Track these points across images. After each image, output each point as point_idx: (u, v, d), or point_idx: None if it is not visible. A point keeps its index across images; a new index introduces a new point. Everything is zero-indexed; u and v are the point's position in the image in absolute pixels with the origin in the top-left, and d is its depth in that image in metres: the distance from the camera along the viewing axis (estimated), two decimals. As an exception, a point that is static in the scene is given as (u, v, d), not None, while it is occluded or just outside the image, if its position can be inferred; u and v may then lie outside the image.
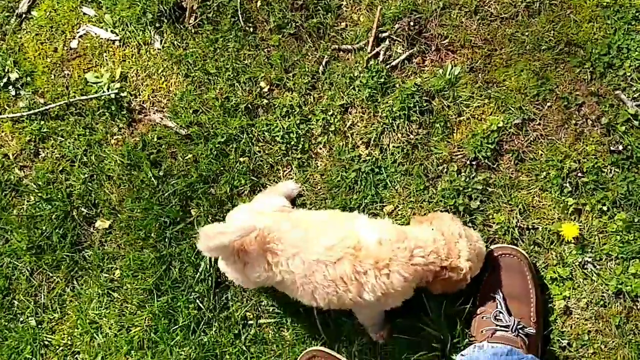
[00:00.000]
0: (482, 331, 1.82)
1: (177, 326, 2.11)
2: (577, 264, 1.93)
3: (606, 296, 1.90)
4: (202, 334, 2.10)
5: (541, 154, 2.01)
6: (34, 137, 2.30)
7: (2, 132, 2.33)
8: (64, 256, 2.21)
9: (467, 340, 1.87)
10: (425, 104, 2.10)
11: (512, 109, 2.04)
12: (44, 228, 2.23)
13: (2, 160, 2.31)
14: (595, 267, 1.92)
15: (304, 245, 1.70)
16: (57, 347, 2.19)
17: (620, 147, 1.95)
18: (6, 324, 2.21)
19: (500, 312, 1.81)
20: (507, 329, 1.79)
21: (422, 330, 1.95)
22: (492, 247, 1.94)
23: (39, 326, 2.20)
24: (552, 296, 1.93)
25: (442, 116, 2.09)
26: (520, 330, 1.78)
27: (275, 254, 1.72)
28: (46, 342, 2.20)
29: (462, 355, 1.81)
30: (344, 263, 1.66)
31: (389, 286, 1.67)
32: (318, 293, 1.73)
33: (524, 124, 2.03)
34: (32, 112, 2.30)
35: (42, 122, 2.30)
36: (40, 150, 2.31)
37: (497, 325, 1.80)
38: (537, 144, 2.02)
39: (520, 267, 1.87)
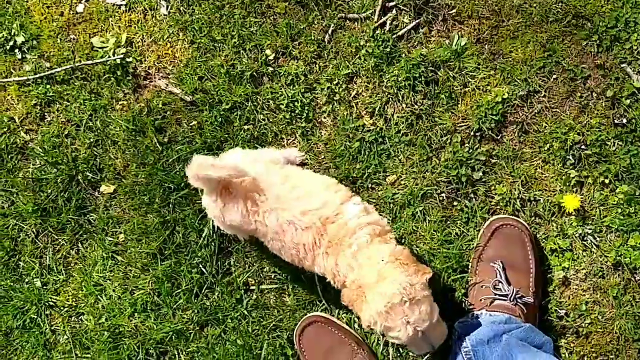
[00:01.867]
0: (480, 299, 1.85)
1: (180, 290, 2.15)
2: (577, 235, 1.95)
3: (605, 268, 1.93)
4: (205, 298, 2.15)
5: (545, 126, 2.02)
6: (39, 101, 2.32)
7: (9, 95, 2.35)
8: (69, 219, 2.25)
9: (465, 308, 1.91)
10: (430, 75, 2.10)
11: (518, 80, 2.05)
12: (49, 191, 2.27)
13: (8, 124, 2.33)
14: (595, 239, 1.94)
15: (284, 203, 1.73)
16: (61, 308, 2.24)
17: (625, 121, 1.96)
18: (12, 284, 2.26)
19: (500, 282, 1.84)
20: (505, 298, 1.82)
21: (421, 298, 1.98)
22: (493, 217, 1.96)
23: (44, 287, 2.25)
24: (551, 267, 1.96)
25: (447, 87, 2.10)
26: (518, 300, 1.81)
27: (256, 203, 1.75)
28: (51, 303, 2.24)
29: (460, 322, 1.85)
30: (309, 232, 1.71)
31: (326, 268, 1.74)
32: (284, 251, 1.80)
33: (529, 96, 2.04)
34: (38, 75, 2.31)
35: (48, 86, 2.32)
36: (46, 114, 2.33)
37: (495, 294, 1.83)
38: (541, 116, 2.03)
39: (521, 238, 1.89)
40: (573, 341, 1.93)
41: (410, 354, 1.99)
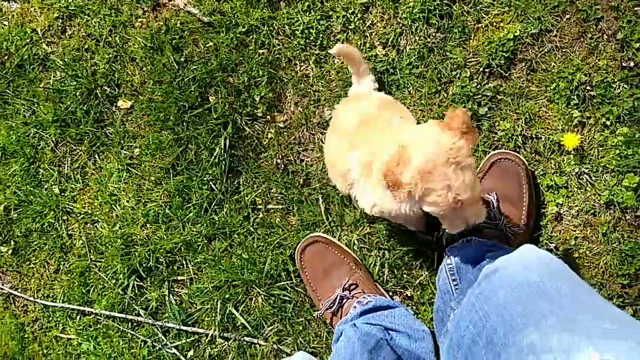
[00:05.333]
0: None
1: (190, 204, 2.36)
2: (573, 173, 2.10)
3: (597, 206, 2.09)
4: (214, 213, 2.35)
5: (553, 66, 2.14)
6: (61, 14, 2.49)
7: (32, 7, 2.52)
8: (87, 131, 2.45)
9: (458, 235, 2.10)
10: (445, 8, 2.22)
11: (531, 18, 2.16)
12: (68, 103, 2.46)
13: (31, 35, 2.51)
14: (590, 177, 2.09)
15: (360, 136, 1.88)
16: (78, 215, 2.47)
17: (632, 64, 2.07)
18: (32, 189, 2.49)
19: (491, 211, 2.01)
20: (495, 227, 1.99)
21: (418, 224, 2.17)
22: (493, 152, 2.12)
23: (62, 194, 2.48)
24: (546, 202, 2.12)
25: (461, 21, 2.22)
26: (507, 229, 1.98)
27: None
28: (68, 209, 2.48)
29: (450, 247, 2.03)
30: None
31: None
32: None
33: (541, 35, 2.16)
34: (60, -12, 2.48)
35: (70, 0, 2.48)
36: (67, 27, 2.51)
37: (486, 222, 2.00)
38: (550, 55, 2.15)
39: (517, 171, 2.04)
40: (560, 273, 2.11)
41: (404, 273, 2.20)
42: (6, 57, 2.54)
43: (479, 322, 1.48)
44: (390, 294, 2.21)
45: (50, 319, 2.48)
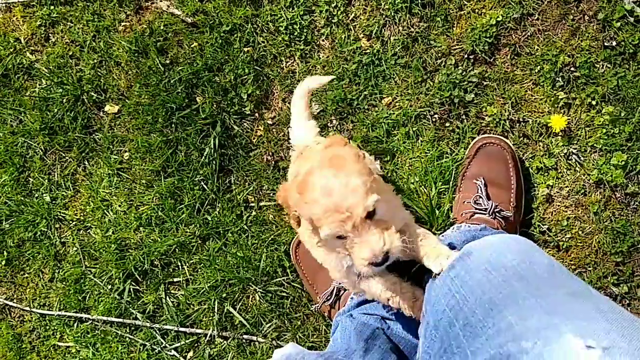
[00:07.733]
0: (462, 214, 2.08)
1: (182, 205, 2.42)
2: (562, 154, 2.17)
3: (587, 185, 2.16)
4: (206, 213, 2.42)
5: (537, 49, 2.22)
6: (44, 21, 2.55)
7: (14, 16, 2.58)
8: (75, 137, 2.51)
9: (449, 222, 2.16)
10: (427, -3, 2.30)
11: (512, 3, 2.23)
12: (55, 110, 2.52)
13: (14, 44, 2.57)
14: (579, 158, 2.16)
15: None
16: (70, 222, 2.53)
17: (614, 43, 2.15)
18: (22, 198, 2.55)
19: (480, 197, 2.07)
20: (485, 212, 2.05)
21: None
22: (478, 137, 2.19)
23: (53, 202, 2.54)
24: (536, 185, 2.19)
25: (444, 10, 2.29)
26: (497, 213, 2.05)
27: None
28: (60, 217, 2.54)
29: (443, 235, 2.10)
30: None
31: None
32: None
33: (523, 19, 2.23)
34: (42, -4, 2.54)
35: (52, 7, 2.55)
36: (50, 35, 2.57)
37: (476, 208, 2.06)
38: (533, 39, 2.23)
39: (503, 155, 2.11)
40: (554, 254, 2.18)
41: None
42: (-10, 68, 2.61)
43: (456, 305, 1.51)
44: (387, 284, 2.27)
45: (48, 327, 2.54)
